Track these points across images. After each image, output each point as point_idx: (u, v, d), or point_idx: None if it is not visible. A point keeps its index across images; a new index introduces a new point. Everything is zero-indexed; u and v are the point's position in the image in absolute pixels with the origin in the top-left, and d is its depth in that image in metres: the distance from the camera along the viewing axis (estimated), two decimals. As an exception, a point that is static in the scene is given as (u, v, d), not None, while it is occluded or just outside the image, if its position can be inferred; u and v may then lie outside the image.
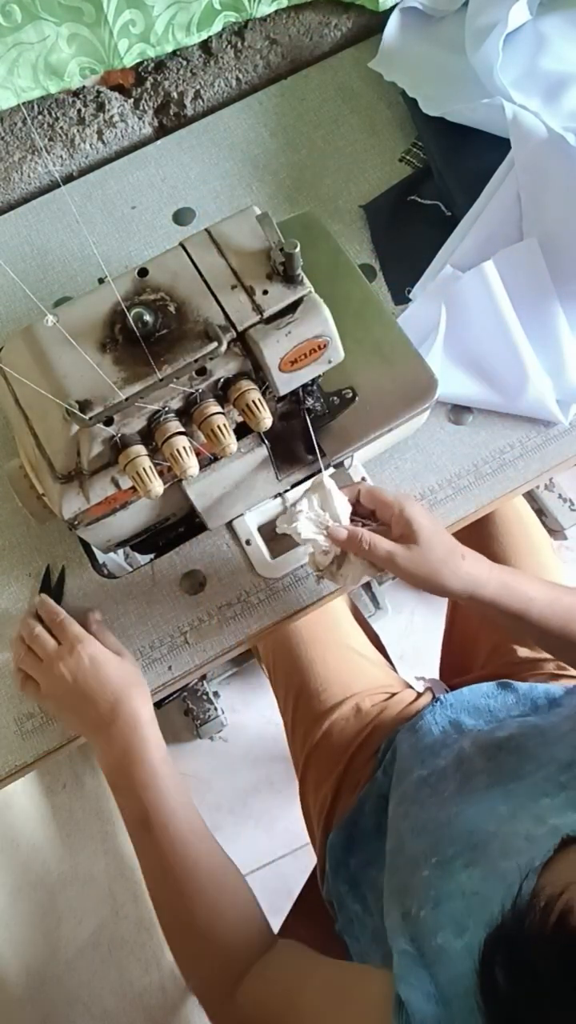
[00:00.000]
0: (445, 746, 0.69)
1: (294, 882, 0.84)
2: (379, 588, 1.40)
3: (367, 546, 0.62)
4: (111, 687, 0.64)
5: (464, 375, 0.78)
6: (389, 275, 0.85)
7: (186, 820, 0.61)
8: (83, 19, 0.76)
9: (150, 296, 0.56)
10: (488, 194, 0.81)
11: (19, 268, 0.88)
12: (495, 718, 0.73)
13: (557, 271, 0.77)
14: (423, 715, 0.75)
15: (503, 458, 0.78)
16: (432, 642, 1.00)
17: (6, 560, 0.77)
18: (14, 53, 0.76)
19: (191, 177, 0.91)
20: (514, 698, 0.75)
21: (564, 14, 0.85)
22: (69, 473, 0.59)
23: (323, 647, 0.87)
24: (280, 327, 0.56)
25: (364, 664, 0.87)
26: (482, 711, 0.74)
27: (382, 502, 0.64)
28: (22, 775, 0.72)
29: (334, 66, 0.95)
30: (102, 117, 0.89)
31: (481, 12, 0.84)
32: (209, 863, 0.61)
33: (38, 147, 0.89)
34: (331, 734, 0.81)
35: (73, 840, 1.39)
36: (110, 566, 0.78)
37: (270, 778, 1.41)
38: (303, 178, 0.90)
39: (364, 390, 0.71)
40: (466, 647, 0.92)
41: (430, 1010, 0.43)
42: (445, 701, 0.76)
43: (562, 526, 1.38)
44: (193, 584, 0.75)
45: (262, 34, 0.91)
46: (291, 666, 0.87)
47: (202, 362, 0.55)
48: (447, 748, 0.68)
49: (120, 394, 0.54)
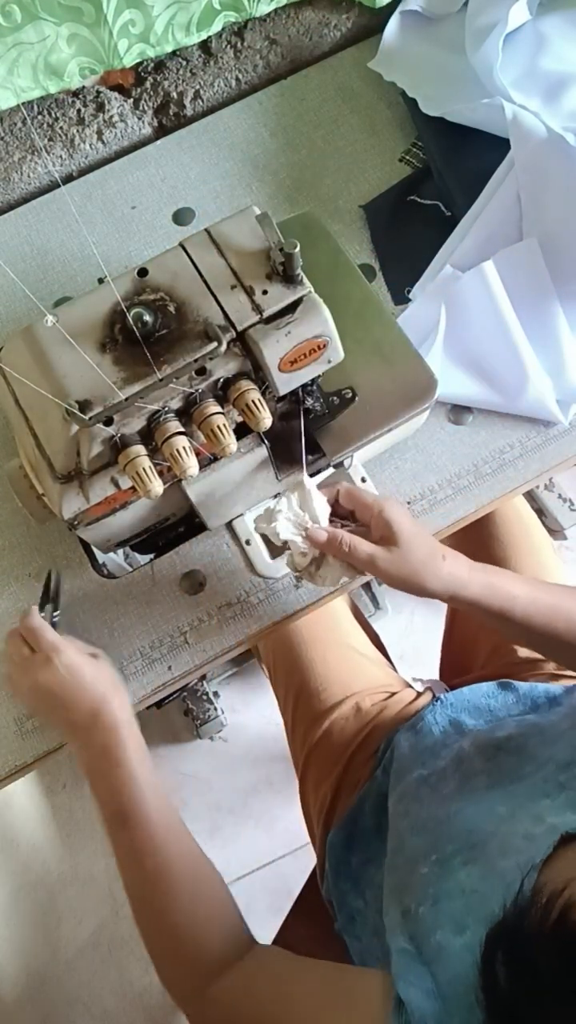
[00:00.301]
0: (445, 746, 0.69)
1: (294, 882, 0.84)
2: (379, 588, 1.40)
3: (347, 548, 0.61)
4: (88, 693, 0.63)
5: (464, 375, 0.78)
6: (389, 275, 0.85)
7: (162, 821, 0.61)
8: (83, 19, 0.76)
9: (150, 296, 0.56)
10: (488, 194, 0.81)
11: (19, 268, 0.88)
12: (495, 717, 0.73)
13: (557, 271, 0.77)
14: (423, 715, 0.75)
15: (503, 458, 0.78)
16: (432, 642, 1.00)
17: (6, 560, 0.77)
18: (14, 53, 0.76)
19: (191, 177, 0.91)
20: (514, 698, 0.75)
21: (564, 14, 0.85)
22: (69, 473, 0.59)
23: (323, 647, 0.87)
24: (280, 327, 0.56)
25: (364, 663, 0.87)
26: (482, 711, 0.74)
27: (362, 504, 0.64)
28: (22, 775, 0.72)
29: (334, 66, 0.95)
30: (102, 117, 0.89)
31: (481, 12, 0.84)
32: (184, 863, 0.61)
33: (38, 147, 0.89)
34: (331, 733, 0.81)
35: (73, 840, 1.40)
36: (110, 566, 0.78)
37: (270, 778, 1.41)
38: (303, 178, 0.90)
39: (364, 390, 0.71)
40: (466, 647, 0.92)
41: (429, 1007, 0.43)
42: (445, 700, 0.76)
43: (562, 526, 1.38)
44: (193, 584, 0.75)
45: (262, 34, 0.91)
46: (291, 666, 0.87)
47: (202, 362, 0.55)
48: (447, 748, 0.68)
49: (120, 394, 0.54)
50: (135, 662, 0.73)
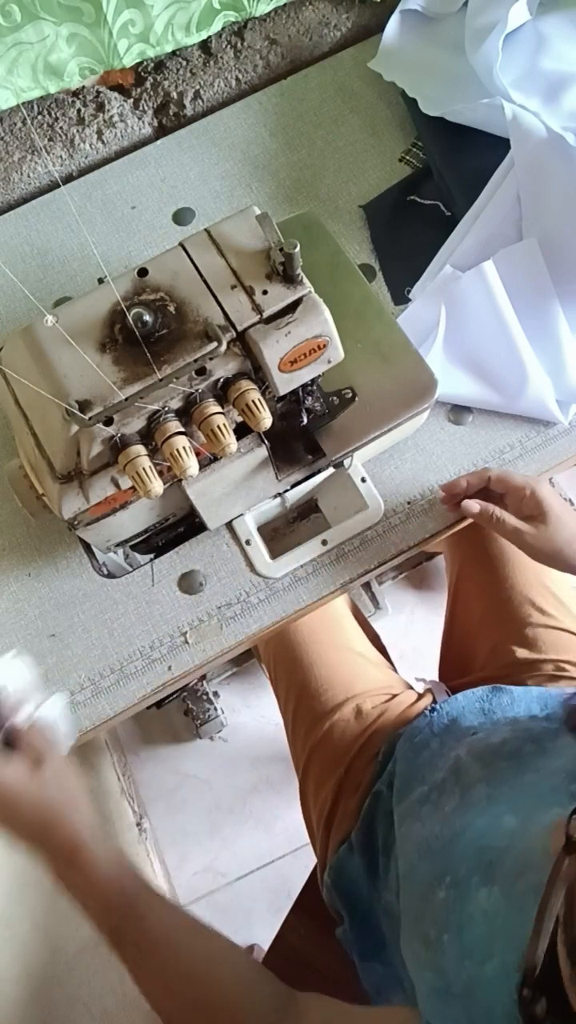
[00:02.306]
0: (441, 756, 0.69)
1: (294, 882, 0.84)
2: (379, 588, 1.40)
3: (496, 519, 0.68)
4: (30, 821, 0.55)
5: (464, 375, 0.78)
6: (389, 275, 0.85)
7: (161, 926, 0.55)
8: (83, 19, 0.76)
9: (150, 296, 0.56)
10: (488, 194, 0.81)
11: (19, 268, 0.88)
12: (490, 721, 0.73)
13: (557, 271, 0.77)
14: (419, 726, 0.75)
15: (503, 458, 0.78)
16: (432, 642, 1.00)
17: (6, 560, 0.77)
18: (14, 53, 0.76)
19: (191, 177, 0.91)
20: (508, 699, 0.75)
21: (564, 14, 0.85)
22: (69, 473, 0.59)
23: (323, 647, 0.87)
24: (280, 327, 0.56)
25: (365, 665, 0.87)
26: (476, 715, 0.74)
27: (513, 486, 0.69)
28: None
29: (334, 66, 0.95)
30: (102, 117, 0.89)
31: (481, 12, 0.84)
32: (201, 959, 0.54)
33: (38, 147, 0.89)
34: (332, 735, 0.81)
35: (73, 840, 1.39)
36: (110, 566, 0.78)
37: (270, 778, 1.41)
38: (303, 178, 0.90)
39: (364, 390, 0.71)
40: (465, 648, 0.92)
41: None
42: (441, 709, 0.76)
43: (562, 526, 1.38)
44: (193, 584, 0.75)
45: (262, 34, 0.91)
46: (291, 666, 0.87)
47: (202, 362, 0.55)
48: (443, 758, 0.68)
49: (120, 394, 0.54)
50: (135, 662, 0.73)
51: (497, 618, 0.86)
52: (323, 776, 0.81)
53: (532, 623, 0.84)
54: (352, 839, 0.74)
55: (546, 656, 0.81)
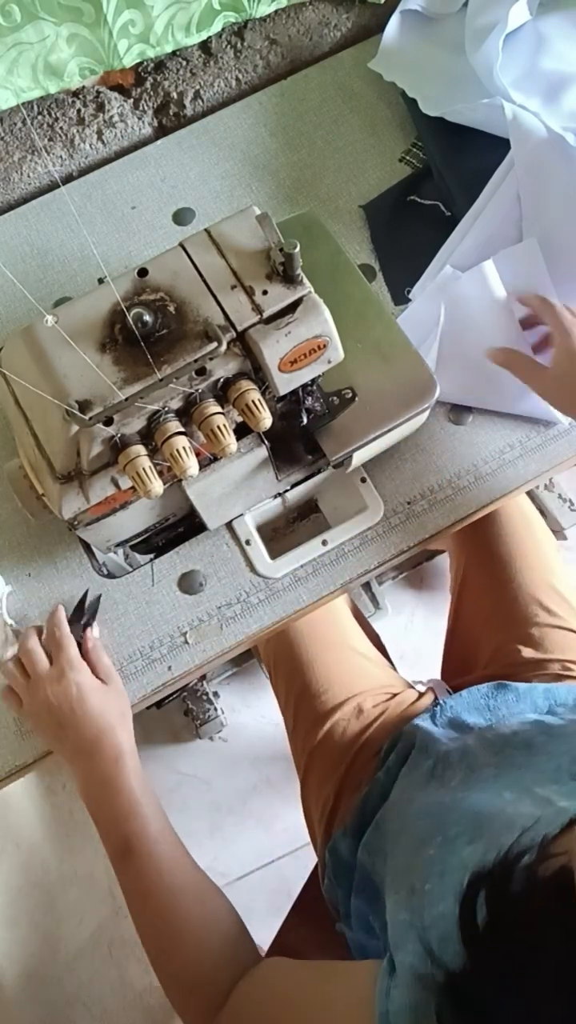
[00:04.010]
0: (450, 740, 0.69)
1: (294, 882, 0.84)
2: (379, 588, 1.40)
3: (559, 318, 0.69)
4: (93, 719, 0.64)
5: (464, 375, 0.78)
6: (389, 275, 0.85)
7: (167, 847, 0.62)
8: (83, 19, 0.76)
9: (150, 296, 0.56)
10: (488, 194, 0.81)
11: (19, 268, 0.88)
12: (496, 717, 0.73)
13: (557, 271, 0.77)
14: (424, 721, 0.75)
15: (503, 458, 0.78)
16: (432, 642, 1.00)
17: (6, 560, 0.77)
18: (14, 53, 0.76)
19: (191, 177, 0.91)
20: (514, 696, 0.75)
21: (564, 14, 0.85)
22: (69, 473, 0.59)
23: (324, 647, 0.87)
24: (280, 327, 0.56)
25: (365, 664, 0.87)
26: (482, 711, 0.74)
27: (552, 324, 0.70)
28: (22, 775, 0.72)
29: (334, 66, 0.95)
30: (102, 117, 0.89)
31: (481, 12, 0.84)
32: (194, 889, 0.62)
33: (38, 147, 0.89)
34: (333, 735, 0.81)
35: (73, 840, 1.39)
36: (110, 566, 0.78)
37: (270, 778, 1.41)
38: (303, 178, 0.90)
39: (364, 390, 0.71)
40: (469, 647, 0.92)
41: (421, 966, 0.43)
42: (445, 705, 0.76)
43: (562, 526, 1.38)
44: (193, 584, 0.75)
45: (262, 34, 0.91)
46: (292, 666, 0.87)
47: (202, 362, 0.55)
48: (453, 742, 0.68)
49: (120, 394, 0.54)
50: (135, 662, 0.73)
51: (502, 617, 0.86)
52: (324, 776, 0.80)
53: (539, 623, 0.84)
54: (348, 826, 0.75)
55: (552, 656, 0.81)
